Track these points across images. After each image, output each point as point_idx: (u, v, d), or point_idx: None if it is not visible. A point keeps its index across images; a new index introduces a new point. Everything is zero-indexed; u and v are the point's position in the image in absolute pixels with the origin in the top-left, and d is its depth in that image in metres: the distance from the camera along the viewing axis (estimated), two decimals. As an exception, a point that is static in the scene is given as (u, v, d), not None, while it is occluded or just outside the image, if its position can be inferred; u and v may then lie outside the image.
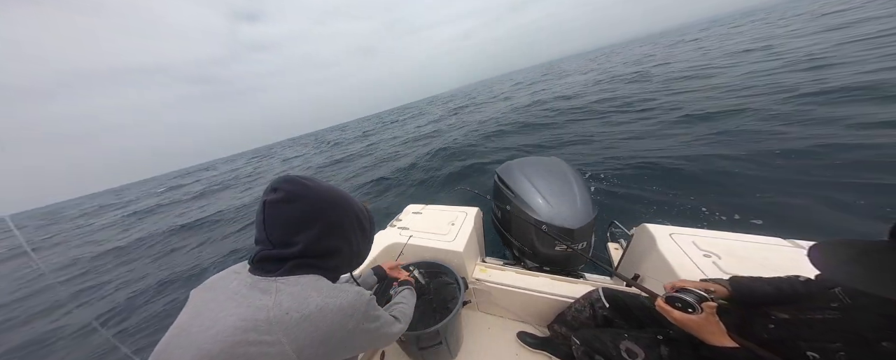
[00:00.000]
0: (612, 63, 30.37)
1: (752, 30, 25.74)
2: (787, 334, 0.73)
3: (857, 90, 5.46)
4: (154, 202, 19.83)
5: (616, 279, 1.93)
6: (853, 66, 7.16)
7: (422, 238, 1.76)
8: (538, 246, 1.81)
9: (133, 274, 6.53)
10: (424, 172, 7.77)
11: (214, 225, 9.05)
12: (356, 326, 0.61)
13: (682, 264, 1.32)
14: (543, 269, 1.92)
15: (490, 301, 1.81)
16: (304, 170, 16.11)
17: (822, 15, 24.93)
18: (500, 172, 2.12)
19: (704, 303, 0.80)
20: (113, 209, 24.57)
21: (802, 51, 10.43)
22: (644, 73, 15.33)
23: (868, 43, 9.50)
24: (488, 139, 9.55)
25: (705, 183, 3.94)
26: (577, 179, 1.91)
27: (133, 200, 30.07)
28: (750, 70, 9.40)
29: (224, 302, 0.56)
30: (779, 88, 6.79)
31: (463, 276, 1.60)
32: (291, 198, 0.62)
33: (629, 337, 1.03)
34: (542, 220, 1.69)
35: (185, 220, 10.47)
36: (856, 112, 4.74)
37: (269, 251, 0.62)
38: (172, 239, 8.68)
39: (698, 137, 5.39)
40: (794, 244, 1.38)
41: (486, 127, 11.49)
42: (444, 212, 2.08)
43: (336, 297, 0.59)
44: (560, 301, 1.57)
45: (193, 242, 7.89)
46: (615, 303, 1.24)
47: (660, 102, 8.44)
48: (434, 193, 6.23)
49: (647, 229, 1.64)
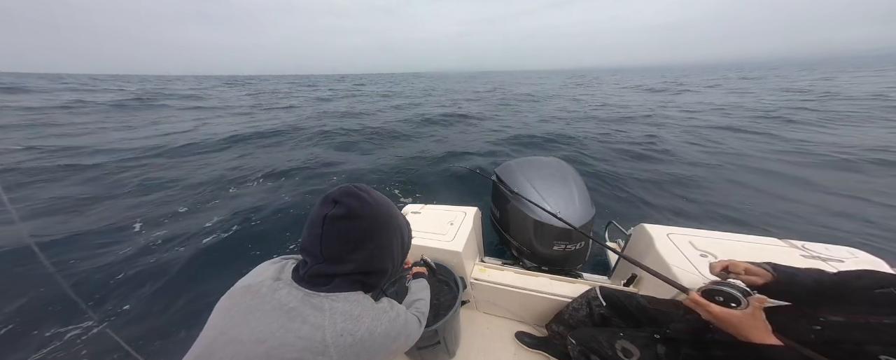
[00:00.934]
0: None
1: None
2: (838, 336, 0.69)
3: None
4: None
5: (614, 279, 1.94)
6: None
7: (421, 238, 1.77)
8: (537, 246, 1.81)
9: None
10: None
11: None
12: (398, 348, 0.67)
13: (680, 264, 1.33)
14: (542, 269, 1.92)
15: (489, 301, 1.81)
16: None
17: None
18: (499, 171, 2.12)
19: (750, 297, 0.75)
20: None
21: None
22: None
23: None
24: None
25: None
26: (575, 179, 1.92)
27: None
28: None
29: (274, 313, 0.55)
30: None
31: (461, 276, 1.61)
32: (352, 215, 0.61)
33: (625, 336, 1.03)
34: (541, 220, 1.70)
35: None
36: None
37: (321, 266, 0.61)
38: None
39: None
40: (789, 244, 1.40)
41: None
42: (443, 212, 2.08)
43: (381, 320, 0.62)
44: (559, 301, 1.58)
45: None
46: (612, 302, 1.24)
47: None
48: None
49: (644, 229, 1.65)
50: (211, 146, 7.76)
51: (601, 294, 1.28)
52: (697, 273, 1.26)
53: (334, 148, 7.65)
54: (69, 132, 9.49)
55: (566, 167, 2.04)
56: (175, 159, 6.73)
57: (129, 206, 4.39)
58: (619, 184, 4.92)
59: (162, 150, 7.34)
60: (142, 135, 9.21)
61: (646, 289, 1.53)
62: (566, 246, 1.75)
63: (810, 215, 3.80)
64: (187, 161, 6.60)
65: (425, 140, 8.47)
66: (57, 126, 10.39)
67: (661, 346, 0.95)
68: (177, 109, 16.04)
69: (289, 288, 0.60)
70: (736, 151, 6.45)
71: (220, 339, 0.53)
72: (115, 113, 14.10)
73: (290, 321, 0.54)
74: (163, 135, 9.21)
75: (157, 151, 7.24)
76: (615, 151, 6.76)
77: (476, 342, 1.73)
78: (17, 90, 23.40)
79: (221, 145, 7.88)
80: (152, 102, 17.79)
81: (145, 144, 7.91)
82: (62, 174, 5.61)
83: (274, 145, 8.06)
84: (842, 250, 1.34)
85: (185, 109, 16.22)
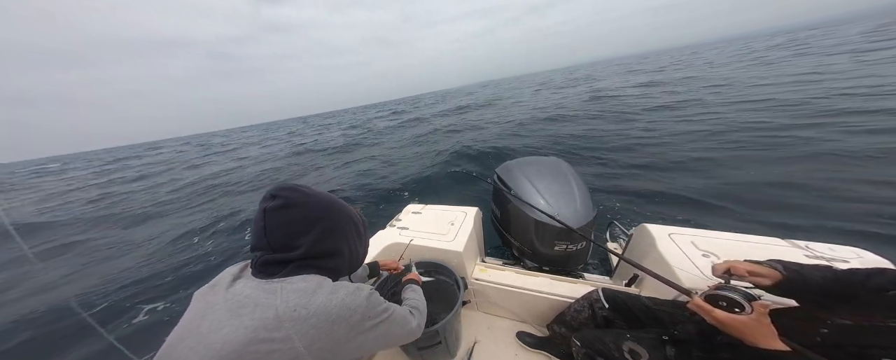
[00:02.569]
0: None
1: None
2: (844, 340, 0.68)
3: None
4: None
5: (616, 279, 1.93)
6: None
7: (422, 238, 1.76)
8: (538, 246, 1.81)
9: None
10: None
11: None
12: (360, 321, 0.61)
13: (681, 265, 1.32)
14: (543, 269, 1.92)
15: (489, 301, 1.81)
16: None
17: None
18: (500, 171, 2.12)
19: (755, 302, 0.74)
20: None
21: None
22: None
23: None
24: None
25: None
26: (576, 179, 1.91)
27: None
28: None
29: (229, 303, 0.57)
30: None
31: (462, 276, 1.60)
32: (290, 204, 0.64)
33: (632, 338, 1.01)
34: (542, 220, 1.69)
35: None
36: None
37: (271, 255, 0.63)
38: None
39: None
40: (792, 244, 1.38)
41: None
42: (444, 212, 2.08)
43: (336, 292, 0.60)
44: (559, 301, 1.57)
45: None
46: (615, 303, 1.22)
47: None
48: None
49: (646, 229, 1.64)
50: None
51: (604, 296, 1.26)
52: (700, 273, 1.26)
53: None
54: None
55: (567, 167, 2.03)
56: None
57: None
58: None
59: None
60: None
61: (648, 289, 1.52)
62: (567, 246, 1.74)
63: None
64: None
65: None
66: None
67: (670, 348, 0.93)
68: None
69: (245, 280, 0.62)
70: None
71: (182, 334, 0.55)
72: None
73: (242, 307, 0.55)
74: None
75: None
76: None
77: (477, 342, 1.72)
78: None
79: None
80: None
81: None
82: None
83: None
84: (847, 250, 1.32)
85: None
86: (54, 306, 3.77)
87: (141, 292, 3.87)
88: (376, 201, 5.67)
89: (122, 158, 41.47)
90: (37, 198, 13.52)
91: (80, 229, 7.37)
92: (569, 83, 30.72)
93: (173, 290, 3.85)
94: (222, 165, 14.89)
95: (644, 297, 1.22)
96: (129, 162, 29.40)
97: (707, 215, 3.55)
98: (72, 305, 3.73)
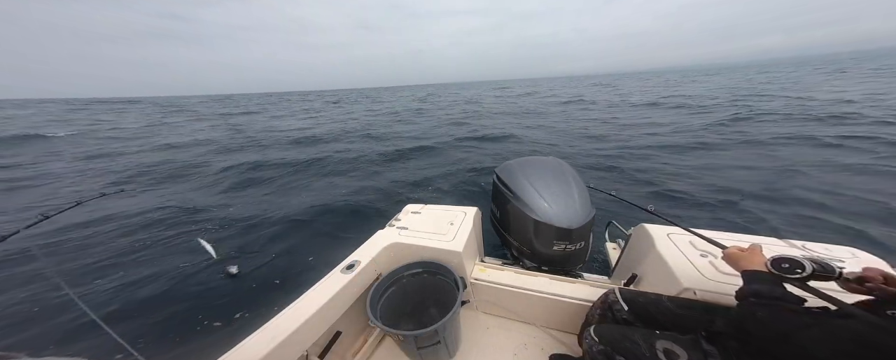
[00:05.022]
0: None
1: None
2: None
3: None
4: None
5: (615, 279, 1.93)
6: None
7: (421, 238, 1.76)
8: (536, 246, 1.81)
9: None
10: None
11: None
12: None
13: (680, 264, 1.33)
14: (542, 269, 1.92)
15: (489, 301, 1.81)
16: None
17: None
18: (499, 171, 2.12)
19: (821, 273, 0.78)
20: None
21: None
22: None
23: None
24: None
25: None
26: (575, 179, 1.92)
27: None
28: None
29: None
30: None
31: (462, 276, 1.60)
32: None
33: (666, 336, 0.94)
34: (541, 220, 1.70)
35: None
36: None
37: None
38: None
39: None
40: (789, 244, 1.39)
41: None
42: (443, 212, 2.08)
43: None
44: (559, 301, 1.58)
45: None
46: (634, 306, 1.15)
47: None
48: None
49: (645, 228, 1.65)
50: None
51: (622, 298, 1.18)
52: (699, 273, 1.26)
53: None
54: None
55: (566, 167, 2.03)
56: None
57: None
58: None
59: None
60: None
61: (647, 288, 1.53)
62: (566, 246, 1.74)
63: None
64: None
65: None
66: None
67: (707, 344, 0.88)
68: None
69: None
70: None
71: None
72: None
73: None
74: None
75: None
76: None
77: (476, 342, 1.72)
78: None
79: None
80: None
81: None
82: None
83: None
84: (842, 250, 1.33)
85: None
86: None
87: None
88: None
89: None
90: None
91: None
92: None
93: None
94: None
95: (666, 298, 1.15)
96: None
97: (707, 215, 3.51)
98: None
